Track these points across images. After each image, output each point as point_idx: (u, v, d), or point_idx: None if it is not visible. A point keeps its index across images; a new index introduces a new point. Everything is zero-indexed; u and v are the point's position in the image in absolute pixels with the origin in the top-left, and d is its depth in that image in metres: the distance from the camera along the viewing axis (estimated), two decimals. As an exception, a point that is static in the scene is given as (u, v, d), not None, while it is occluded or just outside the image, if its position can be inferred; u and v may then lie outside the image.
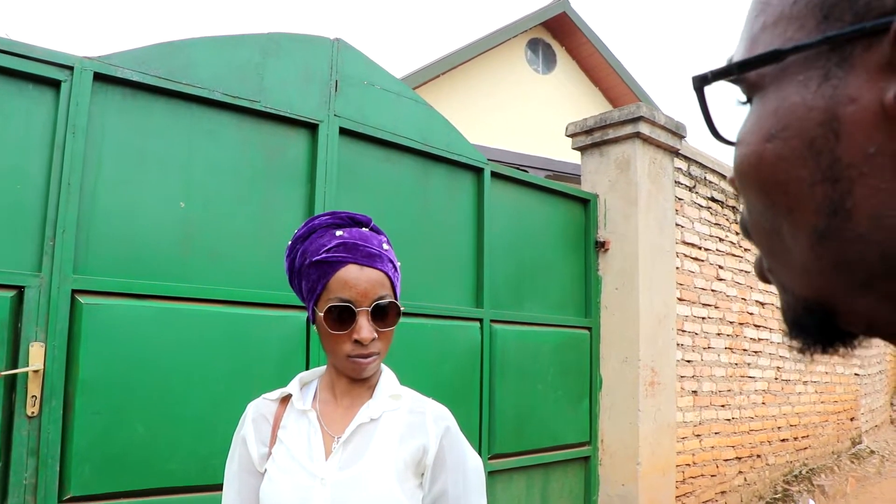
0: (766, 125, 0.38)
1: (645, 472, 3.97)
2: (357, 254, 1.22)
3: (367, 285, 1.20)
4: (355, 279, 1.20)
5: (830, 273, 0.37)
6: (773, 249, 0.41)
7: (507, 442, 3.56)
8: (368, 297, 1.20)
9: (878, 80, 0.32)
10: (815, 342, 0.40)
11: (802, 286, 0.39)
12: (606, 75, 12.26)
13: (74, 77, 2.31)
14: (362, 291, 1.20)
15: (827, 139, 0.34)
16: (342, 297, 1.20)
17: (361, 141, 3.12)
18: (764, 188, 0.39)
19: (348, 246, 1.22)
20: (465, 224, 3.54)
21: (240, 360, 2.58)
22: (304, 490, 1.19)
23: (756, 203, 0.41)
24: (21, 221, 2.21)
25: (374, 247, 1.24)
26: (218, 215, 2.63)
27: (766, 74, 0.39)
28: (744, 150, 0.40)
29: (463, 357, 3.38)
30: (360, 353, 1.21)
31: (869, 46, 0.33)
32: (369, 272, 1.21)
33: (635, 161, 4.14)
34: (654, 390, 4.09)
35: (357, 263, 1.21)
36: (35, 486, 2.13)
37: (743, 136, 0.41)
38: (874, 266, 0.34)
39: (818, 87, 0.35)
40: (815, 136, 0.35)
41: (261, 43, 2.80)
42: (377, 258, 1.23)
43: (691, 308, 4.66)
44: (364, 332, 1.19)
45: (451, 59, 10.20)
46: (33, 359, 2.16)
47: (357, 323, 1.19)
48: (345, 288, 1.20)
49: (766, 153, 0.38)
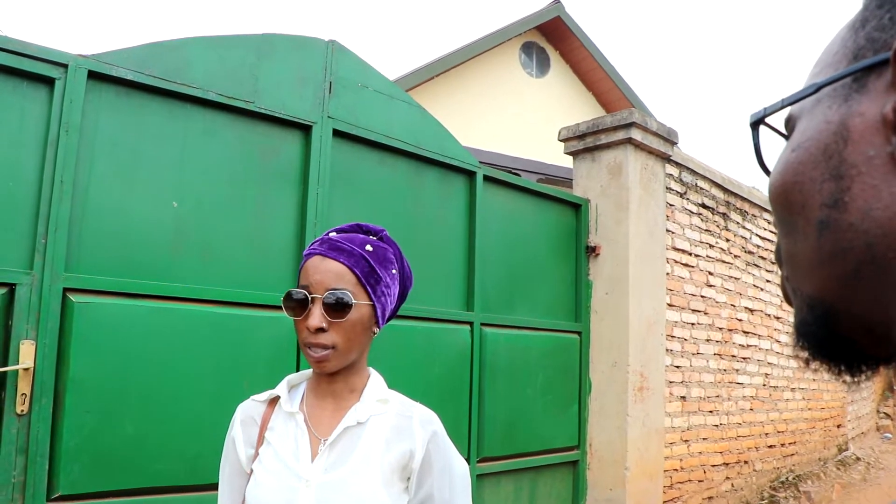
0: (794, 141, 0.46)
1: (633, 477, 3.99)
2: (325, 247, 1.26)
3: (323, 275, 1.23)
4: (314, 268, 1.24)
5: (828, 263, 0.42)
6: (790, 255, 0.47)
7: (495, 445, 3.57)
8: (322, 286, 1.22)
9: (883, 97, 0.39)
10: (820, 350, 0.44)
11: (807, 282, 0.45)
12: (600, 80, 12.30)
13: (69, 75, 2.31)
14: (318, 280, 1.23)
15: (838, 144, 0.41)
16: (300, 284, 1.25)
17: (355, 143, 3.12)
18: (785, 189, 0.45)
19: (323, 240, 1.29)
20: (456, 227, 3.55)
21: (230, 360, 2.58)
22: (289, 491, 1.19)
23: (779, 211, 0.47)
24: (13, 219, 2.21)
25: (348, 244, 1.26)
26: (211, 215, 2.64)
27: (804, 107, 0.46)
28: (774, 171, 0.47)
29: (453, 360, 3.39)
30: (312, 341, 1.22)
31: (880, 74, 0.40)
32: (329, 263, 1.24)
33: (627, 166, 4.17)
34: (642, 395, 4.11)
35: (321, 254, 1.25)
36: (23, 485, 2.13)
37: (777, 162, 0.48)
38: (861, 253, 0.40)
39: (838, 107, 0.42)
40: (829, 143, 0.42)
41: (255, 44, 2.81)
42: (345, 253, 1.25)
43: (681, 314, 4.68)
44: (313, 319, 1.21)
45: (445, 61, 10.22)
46: (24, 356, 2.15)
47: (309, 310, 1.22)
48: (305, 276, 1.25)
49: (790, 160, 0.45)
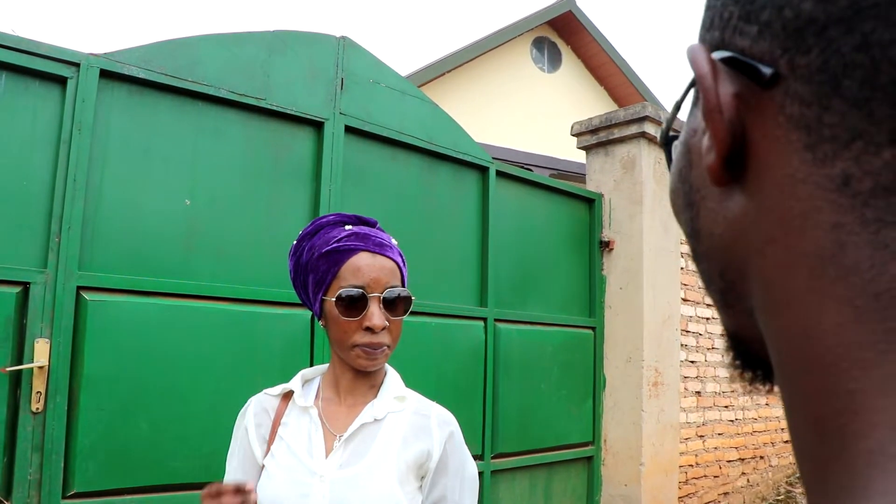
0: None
1: (648, 473, 3.96)
2: (369, 242, 1.22)
3: (379, 272, 1.20)
4: (368, 266, 1.20)
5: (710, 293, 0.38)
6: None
7: (510, 441, 3.56)
8: (381, 285, 1.20)
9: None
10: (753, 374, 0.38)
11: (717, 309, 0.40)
12: (612, 74, 12.24)
13: (81, 74, 2.31)
14: (375, 278, 1.20)
15: (687, 168, 0.36)
16: (354, 284, 1.19)
17: (367, 139, 3.12)
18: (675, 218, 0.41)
19: (360, 235, 1.23)
20: (469, 223, 3.54)
21: (244, 357, 2.59)
22: (303, 486, 1.18)
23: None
24: (27, 218, 2.22)
25: (384, 238, 1.25)
26: (223, 213, 2.64)
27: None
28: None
29: (467, 356, 3.38)
30: (369, 341, 1.20)
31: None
32: (382, 260, 1.22)
33: (640, 161, 4.13)
34: (657, 391, 4.08)
35: (369, 251, 1.21)
36: (39, 482, 2.14)
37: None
38: (718, 282, 0.35)
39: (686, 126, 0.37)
40: (682, 167, 0.37)
41: (267, 40, 2.80)
42: (388, 248, 1.24)
43: (695, 308, 4.65)
44: (375, 318, 1.18)
45: (457, 57, 10.19)
46: (38, 355, 2.16)
47: (369, 309, 1.19)
48: (357, 274, 1.20)
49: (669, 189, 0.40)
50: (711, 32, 0.33)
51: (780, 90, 0.28)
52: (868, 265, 0.26)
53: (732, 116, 0.30)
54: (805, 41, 0.27)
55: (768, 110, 0.29)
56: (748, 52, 0.30)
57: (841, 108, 0.26)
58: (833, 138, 0.27)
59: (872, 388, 0.25)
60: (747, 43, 0.30)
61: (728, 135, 0.30)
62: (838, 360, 0.26)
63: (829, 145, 0.27)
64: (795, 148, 0.28)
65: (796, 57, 0.28)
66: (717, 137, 0.30)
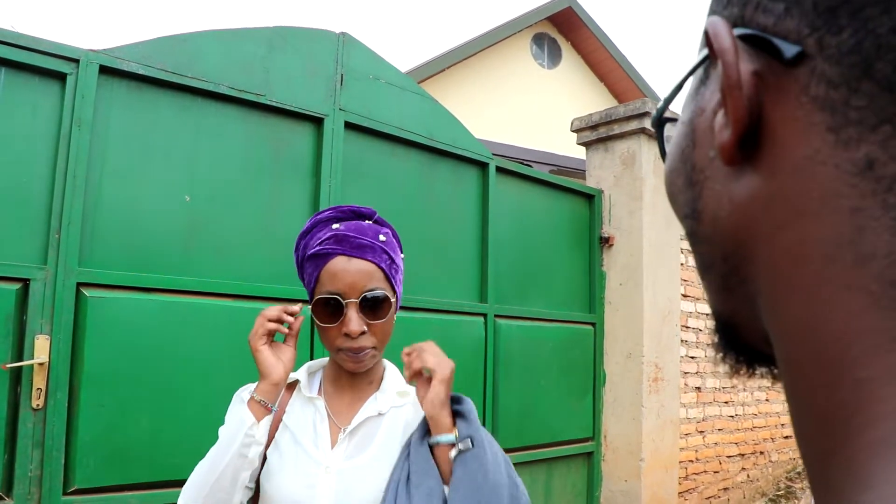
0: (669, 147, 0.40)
1: (648, 468, 3.97)
2: (346, 245, 1.20)
3: (354, 277, 1.19)
4: (343, 270, 1.19)
5: (705, 277, 0.37)
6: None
7: (509, 437, 3.56)
8: (356, 289, 1.19)
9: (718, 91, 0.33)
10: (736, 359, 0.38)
11: (707, 294, 0.39)
12: (611, 70, 12.23)
13: (80, 70, 2.31)
14: (350, 283, 1.19)
15: (690, 147, 0.36)
16: (330, 290, 1.19)
17: (367, 135, 3.11)
18: (669, 199, 0.40)
19: (339, 238, 1.21)
20: (469, 219, 3.53)
21: (245, 353, 2.57)
22: (310, 476, 1.19)
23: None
24: (27, 214, 2.21)
25: (368, 238, 1.22)
26: (223, 209, 2.63)
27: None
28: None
29: (466, 352, 3.38)
30: (349, 346, 1.20)
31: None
32: (358, 263, 1.20)
33: (640, 156, 4.13)
34: (657, 386, 4.09)
35: (345, 255, 1.20)
36: (40, 479, 2.14)
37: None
38: (721, 266, 0.35)
39: (690, 105, 0.36)
40: (684, 147, 0.36)
41: (266, 36, 2.80)
42: (368, 249, 1.21)
43: (695, 304, 4.65)
44: (352, 324, 1.18)
45: (457, 53, 10.18)
46: (38, 351, 2.16)
47: (346, 315, 1.18)
48: (333, 280, 1.19)
49: (665, 169, 0.39)
50: (730, 9, 0.32)
51: (805, 70, 0.28)
52: (886, 251, 0.25)
53: (751, 94, 0.30)
54: (838, 21, 0.26)
55: (790, 90, 0.29)
56: (771, 30, 0.29)
57: (871, 90, 0.26)
58: (860, 121, 0.26)
59: (882, 376, 0.25)
60: (771, 20, 0.29)
61: (746, 113, 0.30)
62: (848, 348, 0.26)
63: (855, 128, 0.26)
64: (818, 130, 0.27)
65: (826, 37, 0.27)
66: (736, 115, 0.30)
